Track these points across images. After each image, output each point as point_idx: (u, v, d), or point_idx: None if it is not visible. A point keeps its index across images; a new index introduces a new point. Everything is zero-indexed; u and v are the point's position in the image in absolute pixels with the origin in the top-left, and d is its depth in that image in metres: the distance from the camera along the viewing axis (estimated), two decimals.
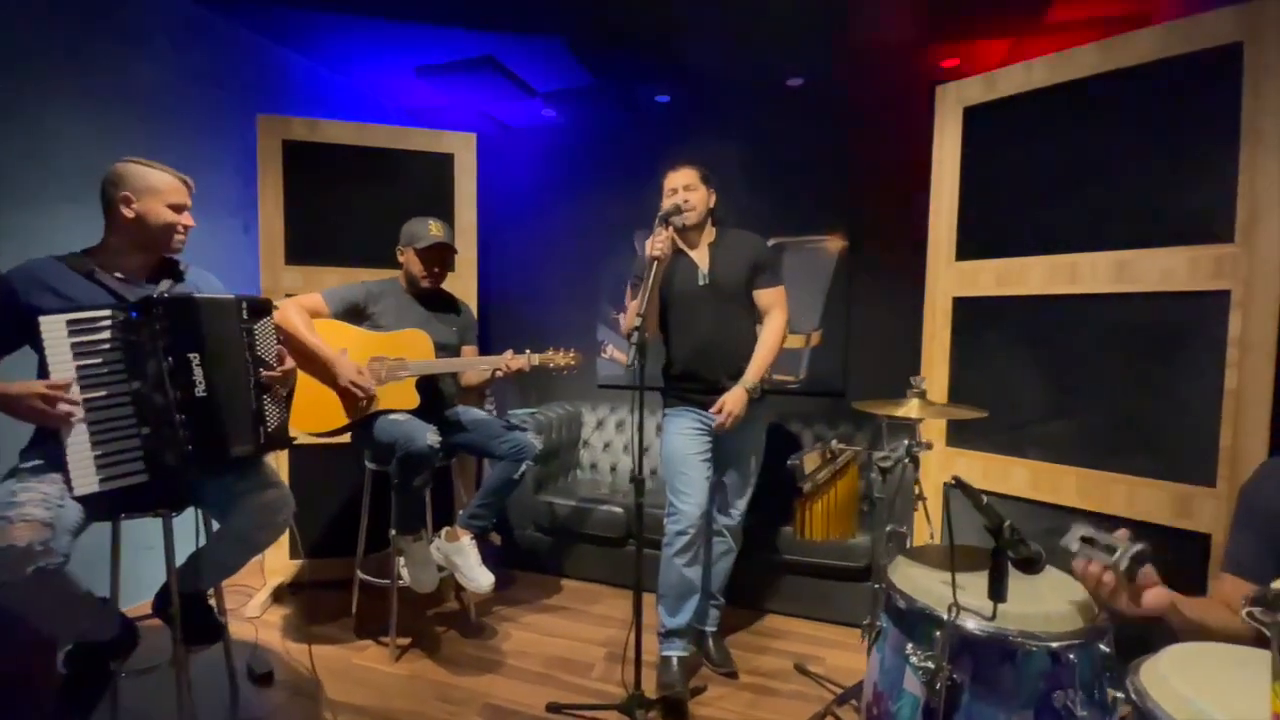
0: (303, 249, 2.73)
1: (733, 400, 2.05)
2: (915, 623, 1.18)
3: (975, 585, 1.10)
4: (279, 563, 2.79)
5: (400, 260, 2.37)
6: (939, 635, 1.09)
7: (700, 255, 2.17)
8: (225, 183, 2.85)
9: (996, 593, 0.97)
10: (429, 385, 2.30)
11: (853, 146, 3.25)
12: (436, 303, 2.43)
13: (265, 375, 1.74)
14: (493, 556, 3.11)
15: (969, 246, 2.25)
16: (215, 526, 1.84)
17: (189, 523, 1.82)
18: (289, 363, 1.84)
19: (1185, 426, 1.80)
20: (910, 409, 1.55)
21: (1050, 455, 2.06)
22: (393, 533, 2.25)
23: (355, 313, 2.29)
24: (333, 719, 1.98)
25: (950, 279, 2.29)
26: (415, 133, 2.84)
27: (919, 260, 2.39)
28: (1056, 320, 2.04)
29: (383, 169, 2.78)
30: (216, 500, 1.75)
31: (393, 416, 2.17)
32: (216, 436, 1.63)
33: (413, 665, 2.30)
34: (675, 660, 2.14)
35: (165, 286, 1.70)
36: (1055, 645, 1.06)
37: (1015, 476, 2.13)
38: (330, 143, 2.73)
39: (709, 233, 2.20)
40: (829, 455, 1.67)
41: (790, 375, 3.38)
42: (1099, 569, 1.02)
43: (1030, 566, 0.98)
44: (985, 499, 0.96)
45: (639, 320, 1.79)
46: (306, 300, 2.23)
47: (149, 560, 1.76)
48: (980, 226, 2.22)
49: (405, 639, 2.43)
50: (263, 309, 1.77)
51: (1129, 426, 1.90)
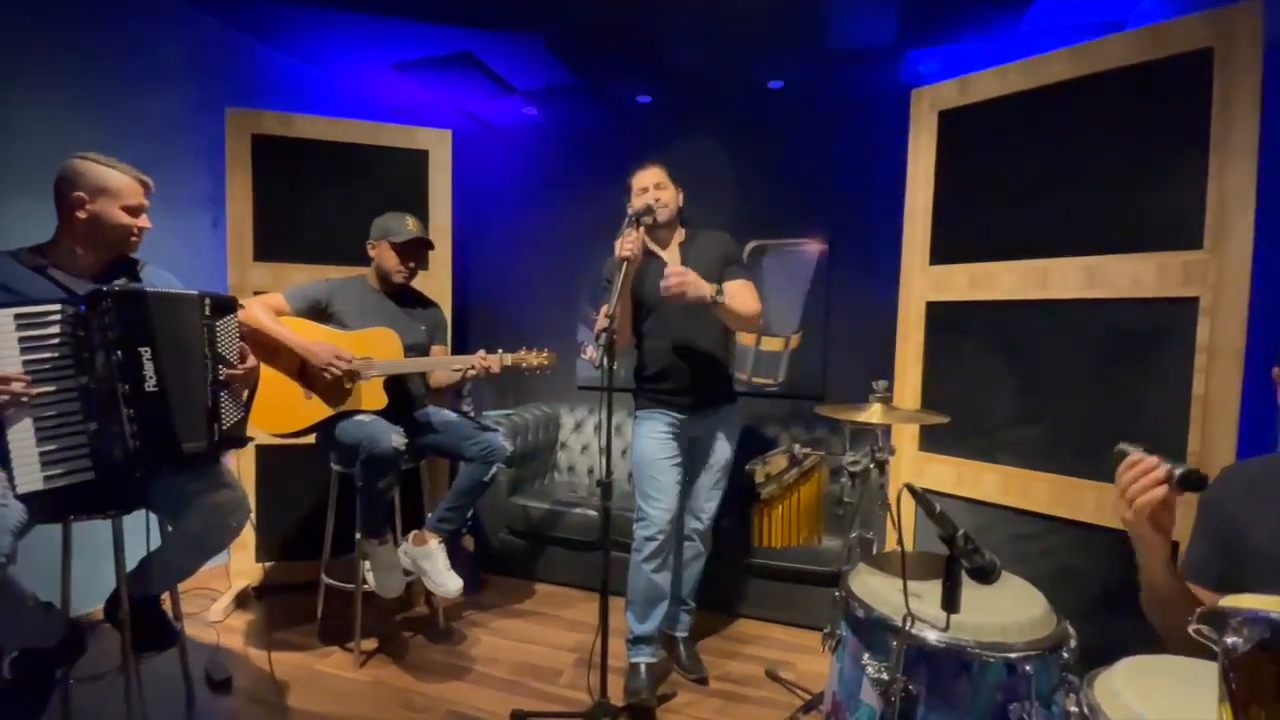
0: (272, 246, 2.68)
1: (694, 279, 1.84)
2: (872, 632, 1.15)
3: (934, 594, 1.08)
4: (244, 565, 2.74)
5: (371, 255, 2.33)
6: (895, 645, 1.07)
7: (671, 256, 2.14)
8: (193, 177, 2.78)
9: (949, 603, 0.95)
10: (397, 385, 2.26)
11: (833, 149, 3.24)
12: (406, 300, 2.39)
13: (226, 373, 1.70)
14: (465, 560, 3.07)
15: (943, 250, 2.24)
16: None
17: (141, 525, 1.77)
18: (251, 361, 1.81)
19: (1154, 432, 1.78)
20: (873, 414, 1.53)
21: (1021, 460, 2.05)
22: (358, 536, 2.20)
23: (318, 310, 2.25)
24: None
25: (924, 283, 2.28)
26: (389, 129, 2.80)
27: (897, 264, 2.38)
28: (1028, 325, 2.03)
29: (355, 165, 2.74)
30: (167, 502, 1.70)
31: (358, 417, 2.13)
32: (167, 432, 1.60)
33: (377, 671, 2.25)
34: (643, 667, 2.10)
35: (119, 284, 1.65)
36: (1012, 656, 1.04)
37: (987, 482, 2.12)
38: (302, 138, 2.68)
39: (679, 233, 2.18)
40: (794, 459, 1.65)
41: (769, 378, 3.36)
42: (1152, 462, 1.01)
43: (984, 576, 0.96)
44: (938, 507, 0.94)
45: (608, 321, 1.76)
46: (269, 299, 2.19)
47: (105, 563, 1.71)
48: (954, 230, 2.21)
49: (371, 644, 2.38)
50: (227, 306, 1.75)
51: (1099, 432, 1.89)
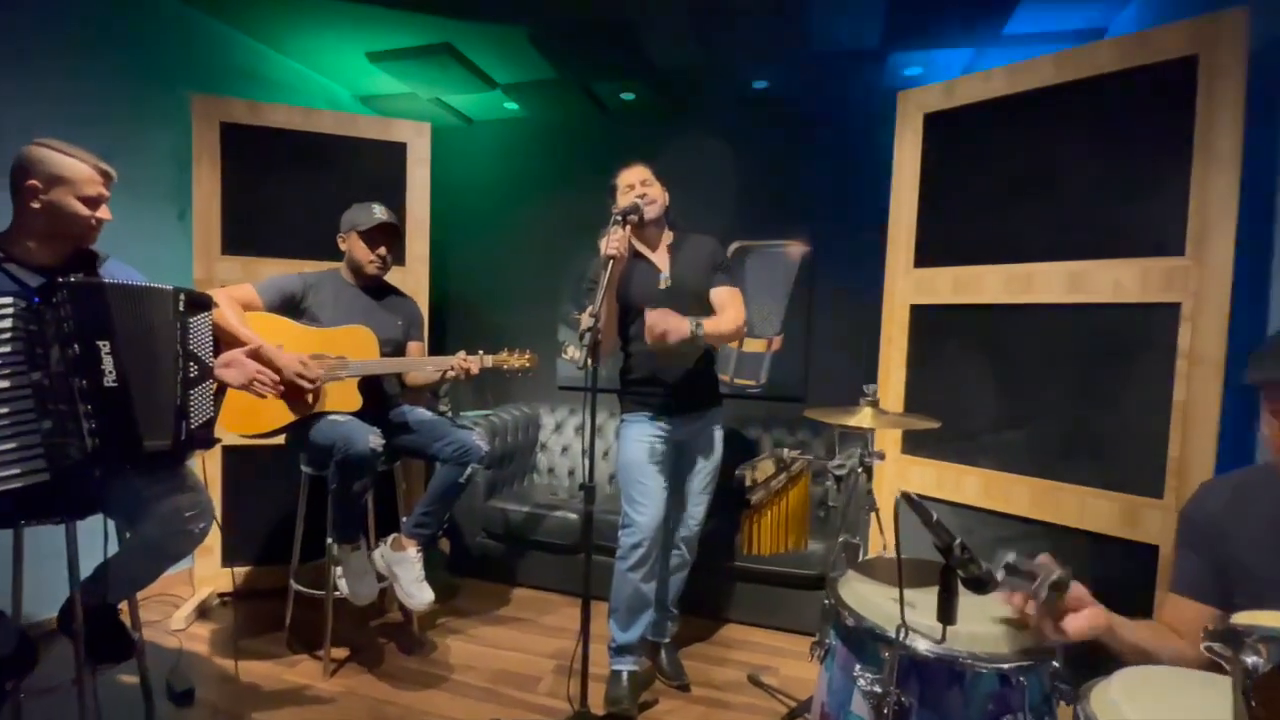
0: (240, 238, 2.58)
1: (676, 321, 1.82)
2: (863, 642, 1.13)
3: (927, 603, 1.05)
4: (209, 570, 2.63)
5: (342, 248, 2.25)
6: (887, 656, 1.04)
7: (660, 258, 2.11)
8: (157, 165, 2.66)
9: (945, 615, 0.93)
10: (371, 385, 2.19)
11: (816, 151, 3.24)
12: (381, 295, 2.32)
13: (197, 371, 1.63)
14: (440, 564, 3.01)
15: (927, 253, 2.23)
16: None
17: (98, 528, 1.68)
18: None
19: (1135, 438, 1.80)
20: (863, 418, 1.51)
21: (1003, 464, 2.05)
22: (330, 541, 2.13)
23: (290, 305, 2.16)
24: None
25: (908, 286, 2.27)
26: (365, 119, 2.72)
27: (879, 266, 2.37)
28: (1011, 329, 2.04)
29: (329, 156, 2.65)
30: (125, 505, 1.61)
31: (332, 417, 2.05)
32: (127, 429, 1.52)
33: (347, 681, 2.17)
34: (625, 675, 2.06)
35: (75, 278, 1.57)
36: (1005, 667, 1.02)
37: (968, 485, 2.12)
38: (273, 127, 2.59)
39: (667, 234, 2.14)
40: (781, 464, 1.62)
41: (751, 380, 3.35)
42: (1021, 599, 1.00)
43: (980, 587, 0.94)
44: (935, 516, 0.92)
45: (593, 321, 1.72)
46: (237, 291, 2.08)
47: (59, 568, 1.62)
48: (938, 233, 2.21)
49: (341, 652, 2.30)
50: (202, 303, 1.69)
51: (1080, 437, 1.90)
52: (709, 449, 2.15)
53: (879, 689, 1.00)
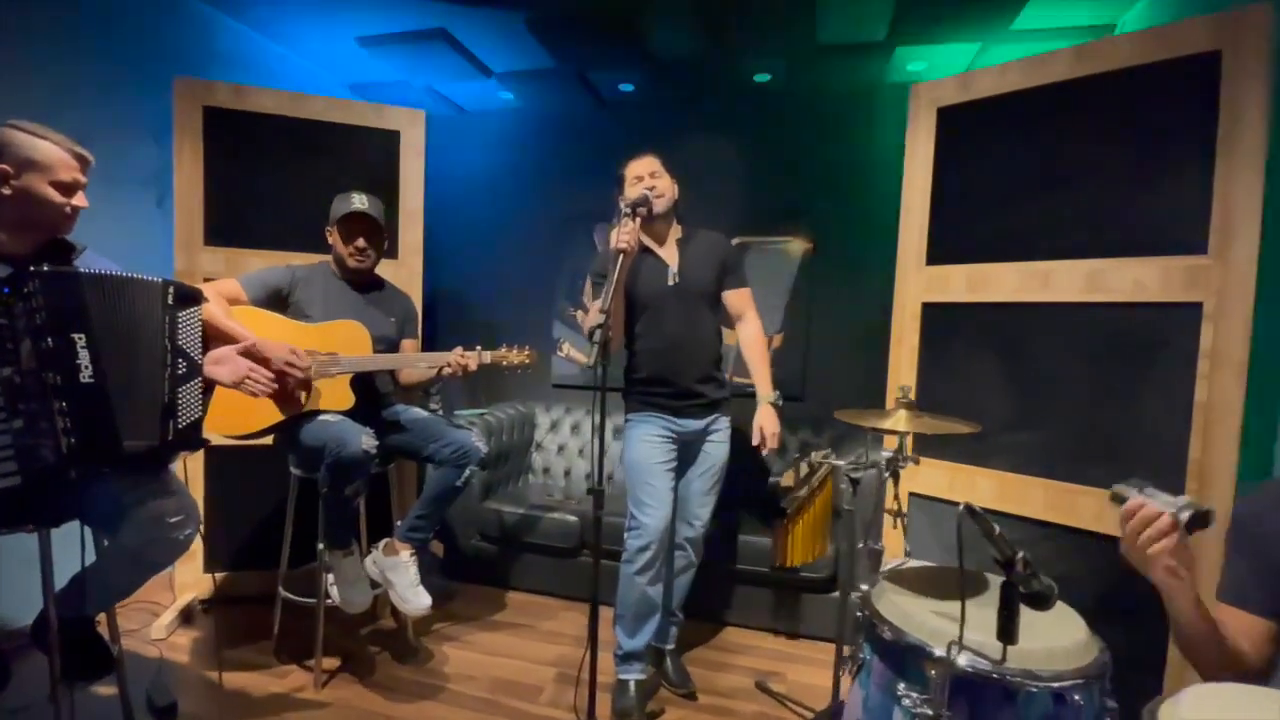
0: (225, 229, 2.46)
1: (768, 420, 2.00)
2: (904, 658, 1.07)
3: (974, 617, 0.99)
4: (191, 577, 2.52)
5: (329, 241, 2.15)
6: (933, 674, 0.98)
7: (669, 253, 2.04)
8: (137, 150, 2.53)
9: (1007, 633, 0.87)
10: (364, 383, 2.09)
11: (819, 145, 3.19)
12: (373, 290, 2.22)
13: (186, 368, 1.53)
14: (434, 568, 2.91)
15: (940, 250, 2.19)
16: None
17: (74, 536, 1.57)
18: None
19: (1155, 439, 1.76)
20: (898, 421, 1.45)
21: (1018, 466, 2.01)
22: (320, 547, 2.03)
23: (277, 299, 2.06)
24: None
25: (920, 283, 2.22)
26: (357, 106, 2.61)
27: (882, 264, 2.32)
28: (1027, 328, 2.00)
29: (319, 144, 2.53)
30: (103, 511, 1.50)
31: (323, 417, 1.96)
32: (106, 428, 1.42)
33: (339, 692, 2.08)
34: (632, 684, 1.99)
35: (48, 267, 1.46)
36: (1058, 685, 0.97)
37: (981, 487, 2.07)
38: (258, 112, 2.47)
39: (675, 229, 2.07)
40: (809, 469, 1.55)
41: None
42: (1155, 511, 0.95)
43: (1042, 603, 0.88)
44: (998, 528, 0.86)
45: (602, 317, 1.64)
46: (222, 285, 1.98)
47: (32, 576, 1.51)
48: (952, 230, 2.16)
49: (333, 662, 2.20)
50: (192, 298, 1.59)
51: (1098, 438, 1.87)
52: (717, 449, 2.09)
53: (930, 710, 0.94)
